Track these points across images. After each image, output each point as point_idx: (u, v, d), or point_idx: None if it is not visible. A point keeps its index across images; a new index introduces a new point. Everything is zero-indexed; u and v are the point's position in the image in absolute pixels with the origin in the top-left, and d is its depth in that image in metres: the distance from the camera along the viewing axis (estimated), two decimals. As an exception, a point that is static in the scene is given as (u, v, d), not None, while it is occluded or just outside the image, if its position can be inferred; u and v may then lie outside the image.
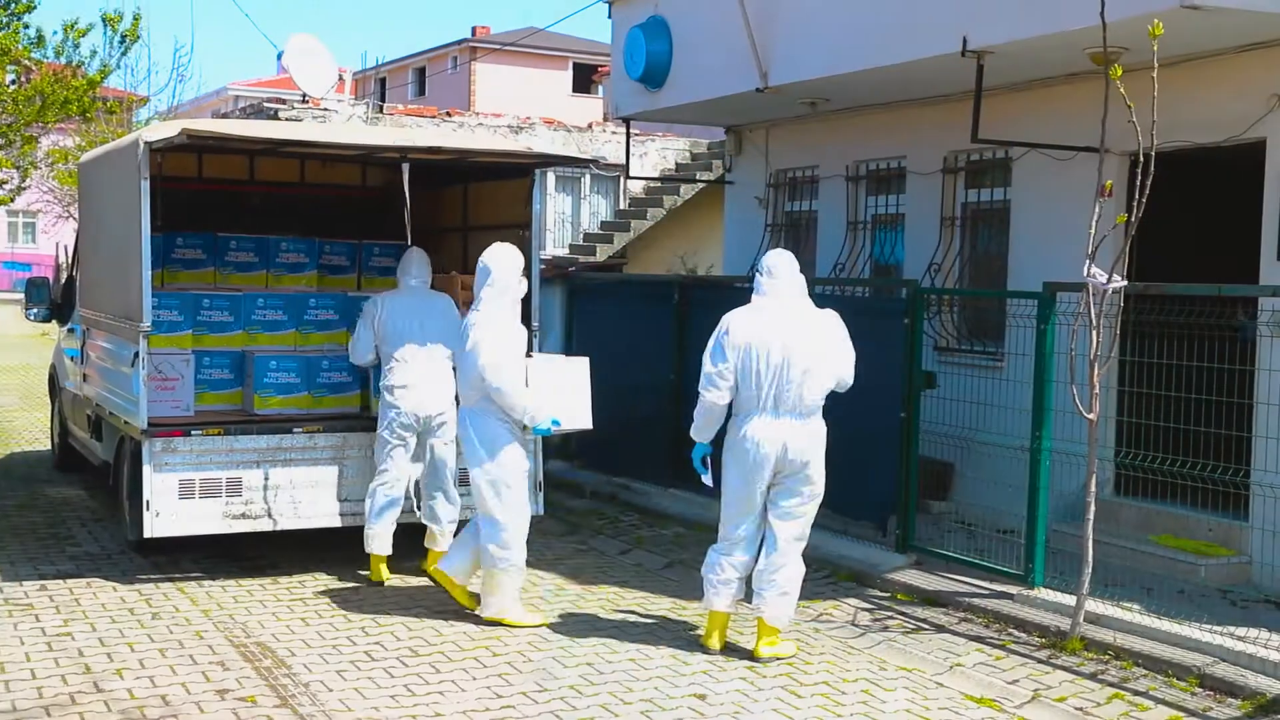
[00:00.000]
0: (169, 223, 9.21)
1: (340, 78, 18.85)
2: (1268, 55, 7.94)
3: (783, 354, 6.43)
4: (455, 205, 10.20)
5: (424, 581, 8.03)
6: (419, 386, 7.89)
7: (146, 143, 7.64)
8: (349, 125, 9.92)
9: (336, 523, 8.23)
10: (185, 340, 8.65)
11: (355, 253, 9.95)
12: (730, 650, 6.72)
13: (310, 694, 5.97)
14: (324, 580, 8.05)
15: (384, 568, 7.99)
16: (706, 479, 6.74)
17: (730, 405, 6.66)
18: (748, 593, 6.74)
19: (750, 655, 6.60)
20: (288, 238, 9.68)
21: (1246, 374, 7.47)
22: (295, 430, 8.15)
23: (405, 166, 8.80)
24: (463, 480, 7.74)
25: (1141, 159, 6.46)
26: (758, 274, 6.72)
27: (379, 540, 7.95)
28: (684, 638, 6.98)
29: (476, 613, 7.18)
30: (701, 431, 6.71)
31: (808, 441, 6.51)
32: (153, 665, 6.31)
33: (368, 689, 6.06)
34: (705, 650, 6.69)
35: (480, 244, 9.67)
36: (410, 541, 8.21)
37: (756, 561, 6.68)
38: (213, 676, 6.17)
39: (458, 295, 8.55)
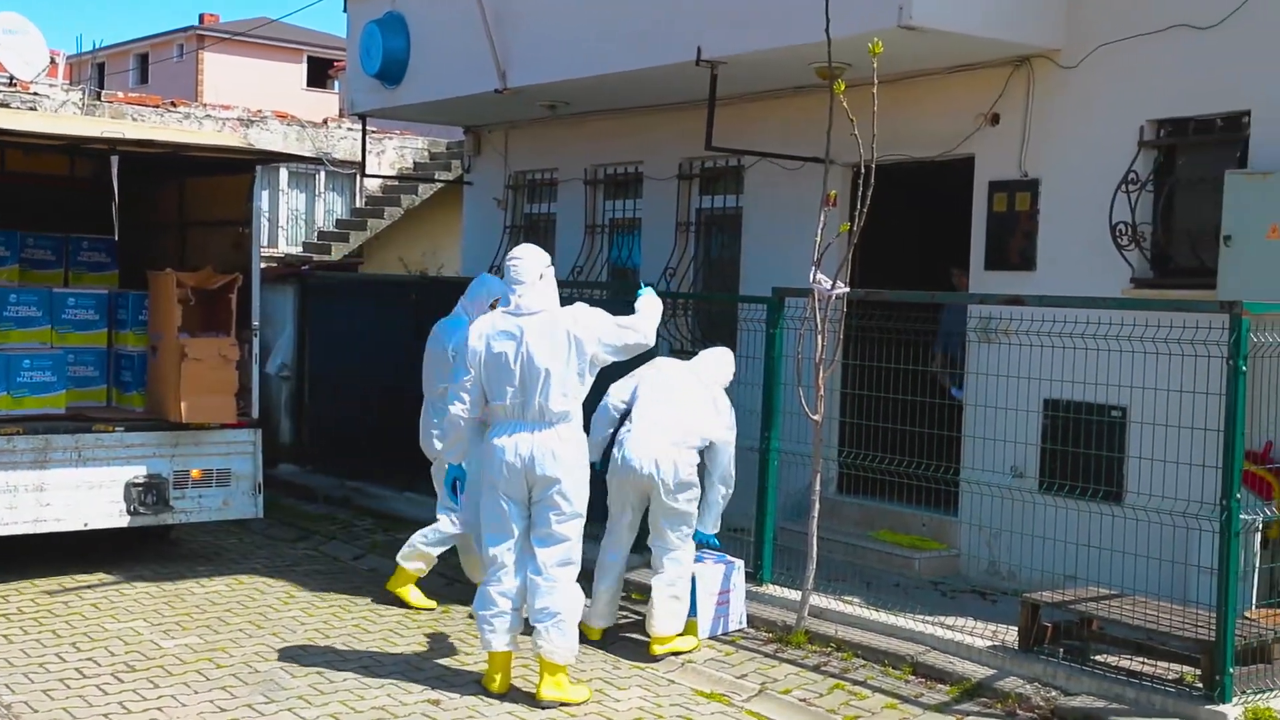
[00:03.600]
0: None
1: (53, 61, 17.75)
2: (977, 77, 8.44)
3: (524, 360, 6.04)
4: (172, 200, 9.81)
5: (144, 590, 7.65)
6: None
7: None
8: (53, 115, 9.33)
9: (37, 529, 7.79)
10: None
11: (62, 247, 9.44)
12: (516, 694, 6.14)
13: (12, 715, 5.58)
14: (30, 594, 7.55)
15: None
16: (459, 507, 6.53)
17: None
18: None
19: (533, 698, 6.02)
20: None
21: (958, 377, 7.91)
22: None
23: (114, 159, 8.42)
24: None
25: (863, 170, 6.76)
26: (507, 283, 6.24)
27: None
28: (416, 645, 6.87)
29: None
30: (450, 451, 6.43)
31: (559, 451, 6.04)
32: None
33: (78, 708, 5.71)
34: (487, 693, 6.09)
35: (198, 240, 9.42)
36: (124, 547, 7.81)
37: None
38: (-100, 702, 5.70)
39: (173, 292, 8.21)
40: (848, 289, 7.04)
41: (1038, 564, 7.09)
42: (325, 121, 21.11)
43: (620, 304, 6.99)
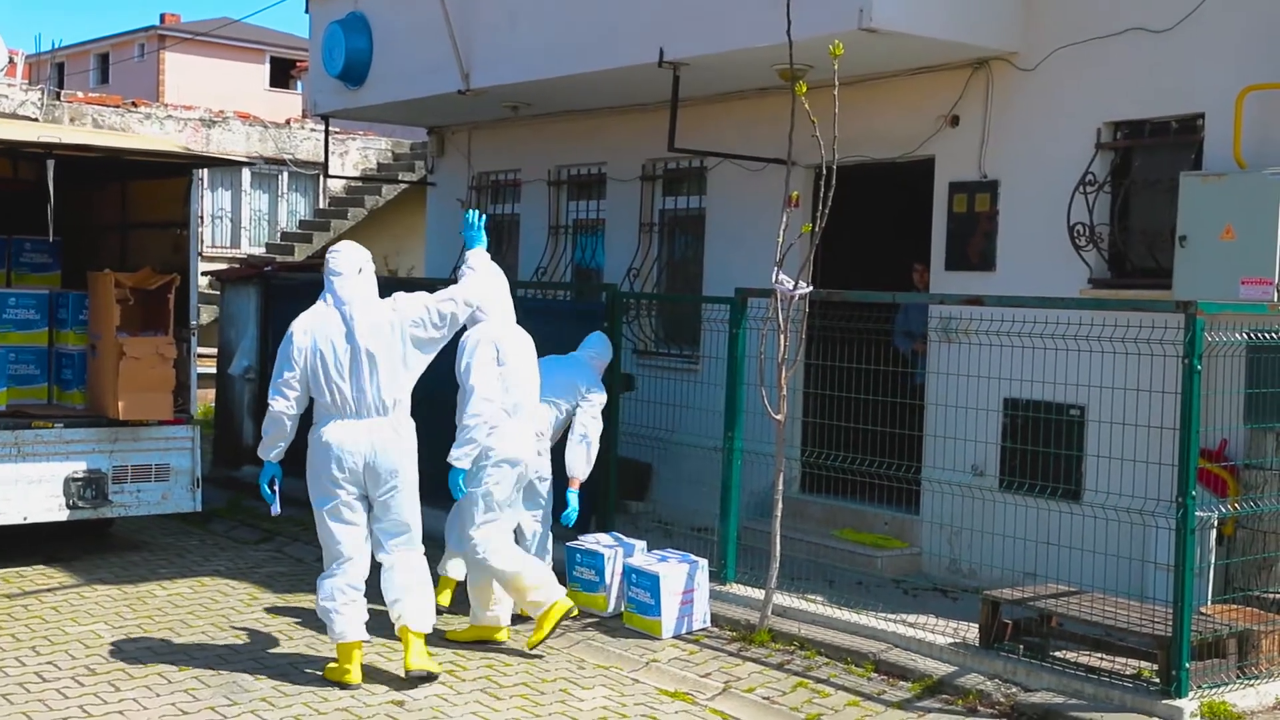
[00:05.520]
0: None
1: (12, 60, 17.56)
2: (937, 79, 8.52)
3: (353, 351, 6.11)
4: (114, 202, 10.03)
5: (106, 593, 7.59)
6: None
7: None
8: None
9: None
10: None
11: (4, 248, 9.69)
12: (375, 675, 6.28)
13: (-28, 721, 5.55)
14: (-10, 598, 7.50)
15: (448, 593, 7.49)
16: (275, 507, 6.45)
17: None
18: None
19: (400, 679, 6.21)
20: None
21: (919, 376, 7.97)
22: None
23: (50, 163, 8.76)
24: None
25: (824, 171, 6.81)
26: (325, 275, 6.35)
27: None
28: (378, 644, 6.86)
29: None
30: (272, 449, 6.34)
31: (396, 441, 6.20)
32: None
33: (38, 712, 5.67)
34: (345, 687, 6.10)
35: (139, 242, 9.62)
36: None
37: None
38: None
39: (112, 292, 8.40)
40: (810, 289, 7.08)
41: (998, 561, 7.16)
42: (288, 122, 21.01)
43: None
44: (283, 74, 41.77)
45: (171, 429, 8.51)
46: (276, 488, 6.41)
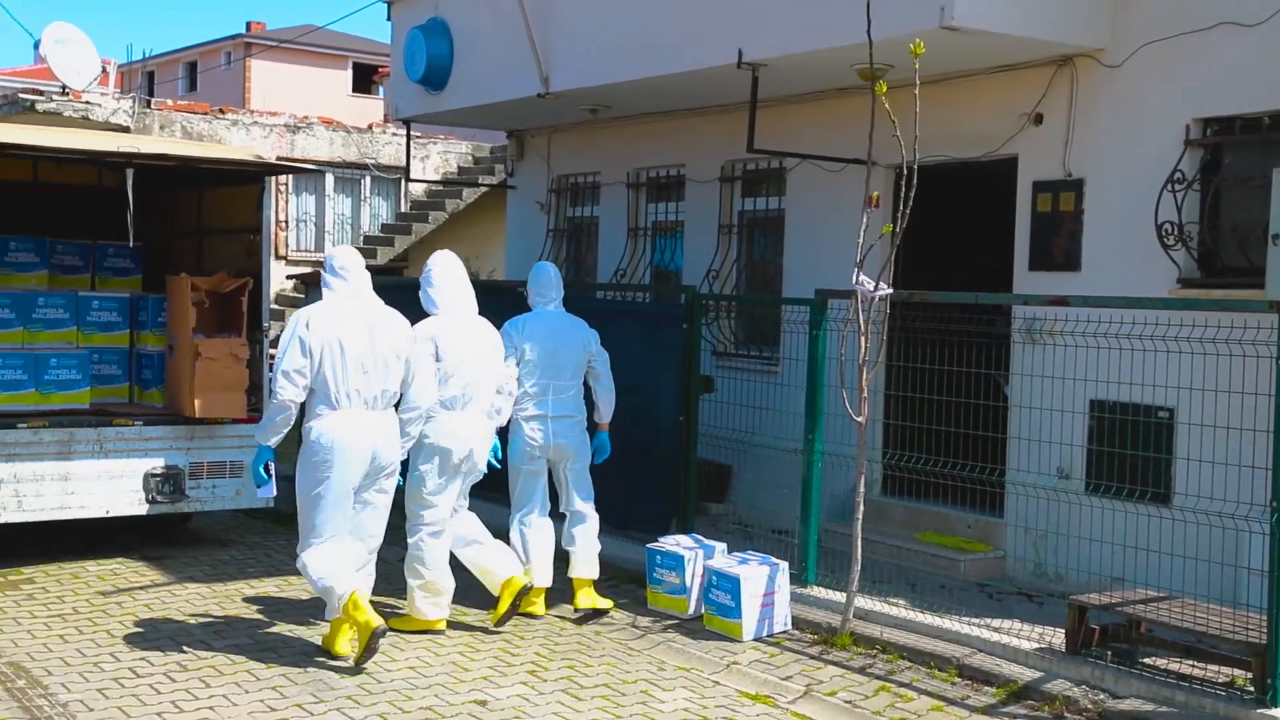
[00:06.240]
0: None
1: (104, 70, 17.98)
2: (1019, 76, 8.41)
3: (372, 347, 6.53)
4: (192, 209, 10.38)
5: (196, 591, 7.75)
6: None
7: None
8: (74, 131, 9.91)
9: (62, 516, 8.27)
10: None
11: (89, 253, 10.03)
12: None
13: (69, 714, 5.68)
14: (84, 595, 7.67)
15: (542, 601, 7.56)
16: (272, 488, 6.71)
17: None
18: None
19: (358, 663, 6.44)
20: (16, 237, 9.70)
21: (1003, 378, 7.88)
22: (20, 425, 8.18)
23: (129, 172, 9.11)
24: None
25: (905, 172, 6.75)
26: (328, 274, 6.73)
27: (542, 572, 7.55)
28: (464, 644, 6.93)
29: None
30: (275, 435, 6.59)
31: (395, 435, 6.67)
32: (-108, 691, 5.90)
33: (132, 707, 5.80)
34: (334, 657, 6.51)
35: (214, 247, 9.97)
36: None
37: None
38: (-40, 701, 5.82)
39: (188, 296, 8.75)
40: (891, 290, 7.03)
41: (1085, 566, 7.05)
42: (370, 127, 21.28)
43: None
44: (365, 80, 42.34)
45: (246, 427, 8.70)
46: (273, 471, 6.62)
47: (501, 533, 7.56)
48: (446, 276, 7.16)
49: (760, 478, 9.06)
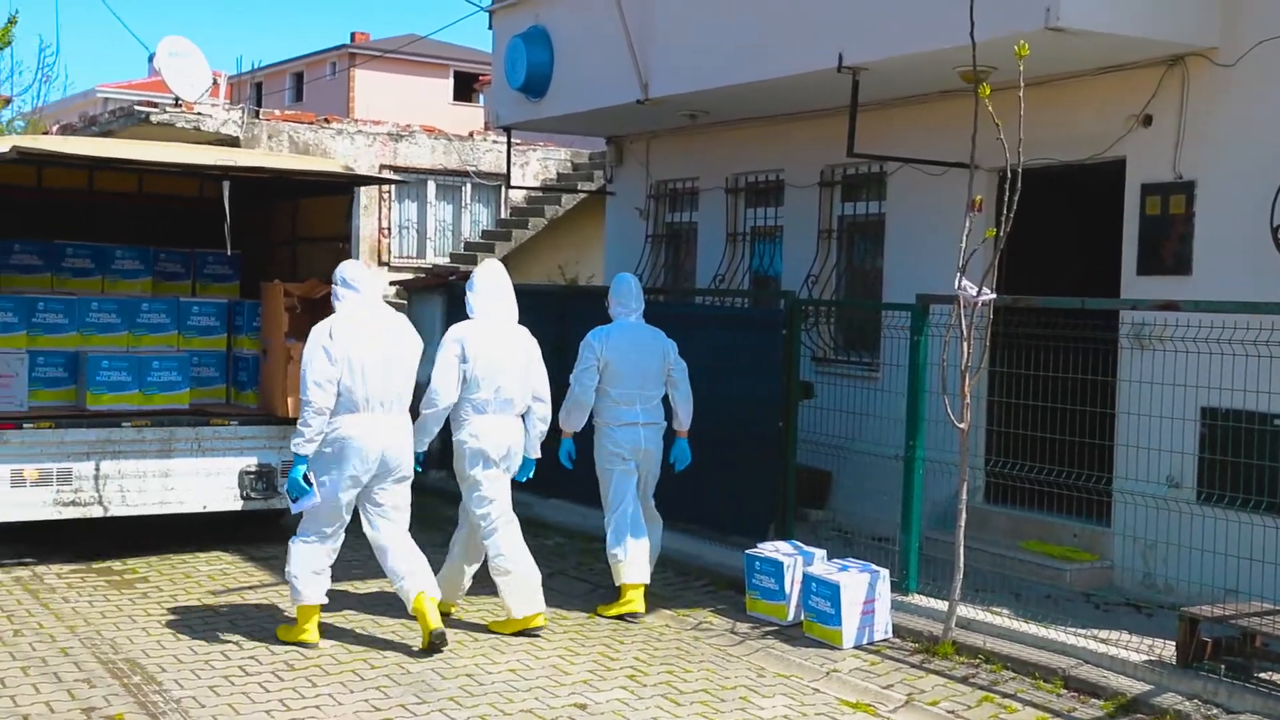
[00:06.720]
0: (8, 230, 9.88)
1: (215, 81, 18.43)
2: (1127, 77, 8.24)
3: (379, 353, 6.83)
4: (286, 219, 10.83)
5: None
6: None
7: None
8: (174, 145, 10.42)
9: (163, 510, 8.68)
10: (20, 340, 9.11)
11: (189, 261, 10.58)
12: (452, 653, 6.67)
13: (181, 710, 5.83)
14: (196, 595, 7.88)
15: (641, 595, 7.67)
16: (315, 497, 6.76)
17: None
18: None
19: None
20: (123, 246, 10.29)
21: (1109, 384, 7.72)
22: (124, 424, 8.63)
23: (226, 184, 9.64)
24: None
25: (1009, 175, 6.65)
26: (340, 286, 6.97)
27: (637, 568, 7.65)
28: (564, 648, 6.97)
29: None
30: (309, 442, 6.74)
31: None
32: (14, 684, 6.10)
33: (241, 704, 5.94)
34: (306, 646, 6.78)
35: (307, 255, 10.39)
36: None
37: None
38: (78, 694, 6.00)
39: (281, 301, 9.10)
40: (994, 295, 6.94)
41: (1196, 577, 6.88)
42: (471, 135, 21.52)
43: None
44: (465, 88, 42.84)
45: None
46: (314, 480, 6.76)
47: (588, 534, 7.59)
48: (487, 284, 7.35)
49: (860, 484, 8.99)
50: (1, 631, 6.92)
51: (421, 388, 7.08)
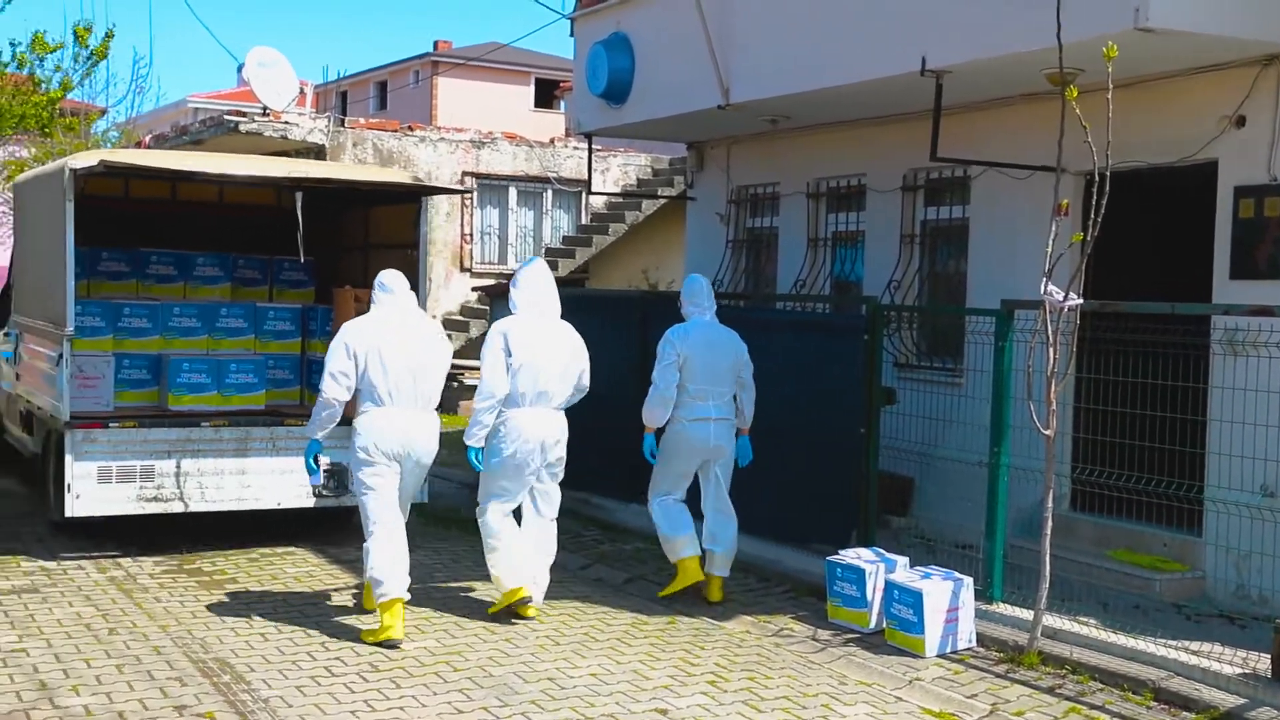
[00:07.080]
0: (98, 239, 10.11)
1: (301, 90, 18.76)
2: (1218, 78, 8.07)
3: (408, 355, 7.19)
4: (358, 226, 11.23)
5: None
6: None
7: (71, 170, 8.60)
8: (250, 157, 10.82)
9: (240, 507, 9.05)
10: (106, 344, 9.50)
11: (266, 267, 11.03)
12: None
13: (270, 709, 5.94)
14: (283, 596, 8.01)
15: (699, 567, 8.04)
16: (318, 478, 7.76)
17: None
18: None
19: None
20: (204, 253, 10.77)
21: (1200, 391, 7.57)
22: (203, 424, 9.02)
23: (299, 194, 10.14)
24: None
25: (1097, 178, 6.55)
26: (377, 290, 7.38)
27: (692, 546, 8.02)
28: (645, 653, 6.99)
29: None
30: (320, 429, 7.32)
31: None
32: (109, 681, 6.26)
33: (328, 704, 6.03)
34: (393, 645, 6.91)
35: (378, 262, 10.92)
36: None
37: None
38: (170, 692, 6.13)
39: (351, 306, 9.34)
40: (1080, 301, 6.83)
41: (1291, 589, 6.72)
42: (552, 141, 21.66)
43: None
44: (546, 95, 43.15)
45: None
46: (322, 463, 7.45)
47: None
48: (531, 282, 7.64)
49: (943, 491, 8.90)
50: (97, 630, 7.10)
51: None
